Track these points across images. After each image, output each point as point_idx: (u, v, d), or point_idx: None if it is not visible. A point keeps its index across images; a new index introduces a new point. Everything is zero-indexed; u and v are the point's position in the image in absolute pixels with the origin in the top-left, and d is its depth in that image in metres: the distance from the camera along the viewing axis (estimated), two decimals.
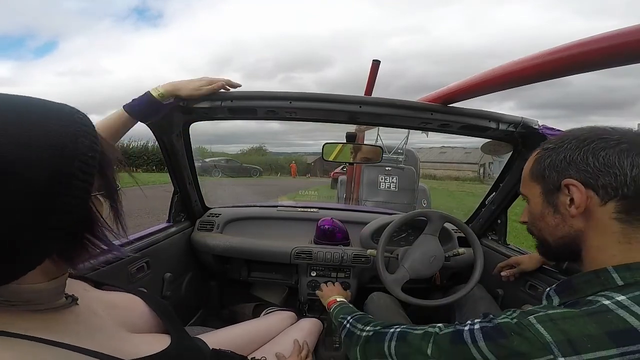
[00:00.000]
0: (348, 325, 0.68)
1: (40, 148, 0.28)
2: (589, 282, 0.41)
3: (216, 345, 0.63)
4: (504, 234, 1.20)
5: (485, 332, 0.40)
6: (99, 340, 0.37)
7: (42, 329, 0.32)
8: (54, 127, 0.29)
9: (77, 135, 0.30)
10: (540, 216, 0.48)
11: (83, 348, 0.33)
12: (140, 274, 0.93)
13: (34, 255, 0.29)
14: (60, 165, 0.29)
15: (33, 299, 0.32)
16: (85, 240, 0.33)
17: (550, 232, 0.48)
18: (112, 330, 0.42)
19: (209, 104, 0.84)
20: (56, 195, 0.28)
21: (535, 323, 0.37)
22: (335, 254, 1.18)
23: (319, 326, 0.99)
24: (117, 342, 0.40)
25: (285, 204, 1.55)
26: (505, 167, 1.08)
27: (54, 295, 0.35)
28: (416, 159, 4.30)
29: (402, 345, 0.50)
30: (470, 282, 0.99)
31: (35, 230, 0.28)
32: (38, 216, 0.28)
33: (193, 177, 1.17)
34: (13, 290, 0.30)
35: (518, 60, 0.60)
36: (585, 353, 0.33)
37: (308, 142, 56.59)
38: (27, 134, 0.28)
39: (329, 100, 0.85)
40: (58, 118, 0.30)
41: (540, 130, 0.82)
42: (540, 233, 0.50)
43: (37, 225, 0.28)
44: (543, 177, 0.47)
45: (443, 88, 0.83)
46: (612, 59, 0.46)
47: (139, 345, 0.42)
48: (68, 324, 0.36)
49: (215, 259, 1.25)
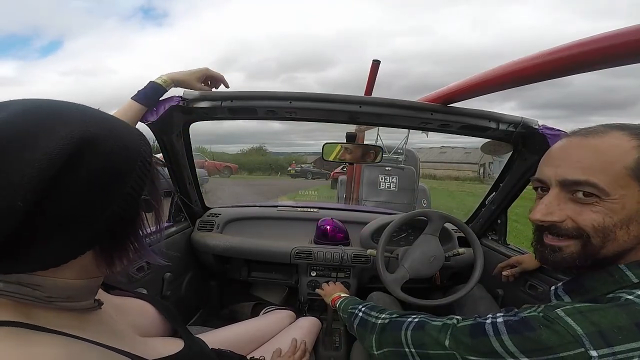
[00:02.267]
0: (361, 314, 0.65)
1: (118, 136, 0.31)
2: (602, 281, 0.41)
3: (216, 345, 0.63)
4: (504, 234, 1.20)
5: (510, 325, 0.39)
6: (127, 342, 0.38)
7: (81, 329, 0.33)
8: (124, 128, 0.33)
9: (141, 140, 0.34)
10: (627, 223, 0.39)
11: (119, 349, 0.34)
12: (140, 274, 0.93)
13: (84, 240, 0.30)
14: (130, 157, 0.31)
15: (72, 296, 0.33)
16: (128, 242, 0.34)
17: (619, 245, 0.40)
18: (131, 334, 0.43)
19: (209, 104, 0.84)
20: (122, 184, 0.30)
21: (564, 316, 0.35)
22: (335, 254, 1.18)
23: (318, 325, 0.99)
24: (140, 345, 0.41)
25: (285, 204, 1.55)
26: (505, 167, 1.08)
27: (88, 294, 0.36)
28: (416, 159, 4.30)
29: (420, 335, 0.49)
30: (470, 282, 0.99)
31: (97, 210, 0.29)
32: (103, 197, 0.29)
33: (193, 177, 1.17)
34: (54, 284, 0.31)
35: (518, 60, 0.60)
36: (617, 345, 0.32)
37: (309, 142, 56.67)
38: (110, 124, 0.31)
39: (329, 100, 0.85)
40: (126, 126, 0.34)
41: (540, 130, 0.82)
42: (608, 244, 0.40)
43: (100, 206, 0.29)
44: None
45: (443, 88, 0.83)
46: (612, 58, 0.46)
47: (156, 348, 0.43)
48: (99, 324, 0.37)
49: (215, 258, 1.25)
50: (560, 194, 0.43)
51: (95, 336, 0.33)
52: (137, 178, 0.32)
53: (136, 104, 0.75)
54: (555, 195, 0.43)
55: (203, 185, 11.50)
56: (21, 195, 0.24)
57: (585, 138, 0.42)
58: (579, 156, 0.42)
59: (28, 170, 0.25)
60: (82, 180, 0.27)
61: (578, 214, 0.41)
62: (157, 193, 0.37)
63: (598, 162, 0.40)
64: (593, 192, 0.40)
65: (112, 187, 0.30)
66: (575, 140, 0.44)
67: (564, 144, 0.45)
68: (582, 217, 0.41)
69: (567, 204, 0.42)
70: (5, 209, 0.24)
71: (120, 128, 0.32)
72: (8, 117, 0.26)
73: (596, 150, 0.41)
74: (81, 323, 0.34)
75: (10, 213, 0.24)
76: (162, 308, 0.57)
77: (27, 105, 0.28)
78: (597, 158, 0.40)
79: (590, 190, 0.40)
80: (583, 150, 0.42)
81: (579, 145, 0.43)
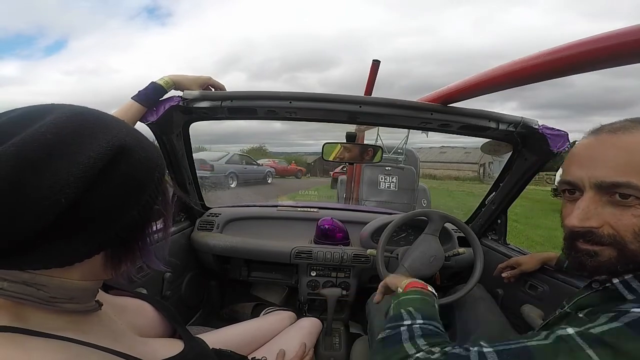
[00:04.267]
0: (405, 330, 0.46)
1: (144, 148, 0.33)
2: None
3: (216, 345, 0.63)
4: (504, 233, 1.20)
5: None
6: (127, 343, 0.38)
7: (80, 331, 0.33)
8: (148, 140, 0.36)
9: (159, 154, 0.36)
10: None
11: (118, 351, 0.34)
12: (140, 274, 0.93)
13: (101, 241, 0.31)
14: (153, 168, 0.34)
15: (76, 297, 0.33)
16: (136, 247, 0.35)
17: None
18: (130, 334, 0.43)
19: (209, 104, 0.84)
20: (144, 192, 0.32)
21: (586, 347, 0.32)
22: (335, 253, 1.18)
23: (319, 326, 0.99)
24: (139, 346, 0.41)
25: (285, 203, 1.55)
26: (505, 167, 1.08)
27: (90, 296, 0.36)
28: (416, 158, 4.31)
29: None
30: (470, 282, 0.99)
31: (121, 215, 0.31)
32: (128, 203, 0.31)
33: (193, 177, 1.17)
34: (60, 285, 0.31)
35: (518, 60, 0.60)
36: None
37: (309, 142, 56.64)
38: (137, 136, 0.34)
39: (329, 100, 0.85)
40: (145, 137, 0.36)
41: (540, 130, 0.83)
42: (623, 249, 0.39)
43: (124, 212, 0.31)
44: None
45: (443, 88, 0.83)
46: (612, 58, 0.46)
47: (156, 349, 0.43)
48: (97, 326, 0.37)
49: (215, 258, 1.25)
50: (596, 197, 0.40)
51: (93, 338, 0.33)
52: (154, 188, 0.34)
53: (136, 104, 0.75)
54: (590, 198, 0.40)
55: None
56: (65, 192, 0.26)
57: (615, 135, 0.39)
58: (612, 155, 0.39)
59: (74, 169, 0.27)
60: (115, 184, 0.29)
61: (618, 219, 0.38)
62: (168, 204, 0.39)
63: (635, 161, 0.37)
64: (632, 194, 0.37)
65: (135, 194, 0.32)
66: (604, 138, 0.40)
67: (591, 142, 0.42)
68: (622, 222, 0.38)
69: (605, 207, 0.39)
70: (49, 204, 0.26)
71: (146, 140, 0.35)
72: (55, 120, 0.28)
73: (630, 148, 0.38)
74: (79, 325, 0.34)
75: (52, 208, 0.26)
76: (162, 308, 0.56)
77: (71, 110, 0.30)
78: (634, 157, 0.37)
79: (630, 192, 0.37)
80: (615, 148, 0.39)
81: (610, 144, 0.39)
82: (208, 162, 8.36)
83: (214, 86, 0.88)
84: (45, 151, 0.26)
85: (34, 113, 0.29)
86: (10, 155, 0.25)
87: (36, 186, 0.25)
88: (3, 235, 0.25)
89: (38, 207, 0.25)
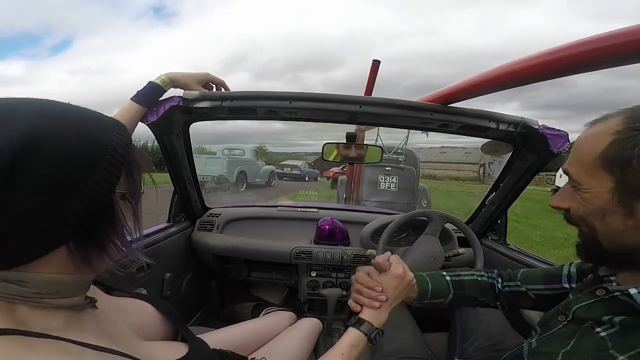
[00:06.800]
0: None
1: (78, 129, 0.30)
2: None
3: (216, 345, 0.63)
4: (504, 234, 1.20)
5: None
6: (124, 343, 0.37)
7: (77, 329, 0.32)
8: (93, 120, 0.32)
9: (112, 133, 0.33)
10: (600, 214, 0.39)
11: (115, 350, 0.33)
12: (140, 274, 0.93)
13: (50, 236, 0.29)
14: (92, 150, 0.30)
15: (60, 291, 0.32)
16: (104, 239, 0.33)
17: (609, 236, 0.39)
18: (129, 335, 0.42)
19: (209, 104, 0.84)
20: (82, 179, 0.29)
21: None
22: (335, 254, 1.18)
23: (319, 326, 0.99)
24: (137, 347, 0.40)
25: (285, 204, 1.55)
26: (505, 167, 1.08)
27: (77, 290, 0.35)
28: (416, 159, 4.31)
29: None
30: None
31: (56, 207, 0.28)
32: (61, 193, 0.28)
33: (193, 177, 1.17)
34: (41, 279, 0.30)
35: (518, 60, 0.60)
36: None
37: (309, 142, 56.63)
38: (69, 117, 0.31)
39: (329, 100, 0.85)
40: (98, 117, 0.33)
41: (540, 130, 0.83)
42: (592, 232, 0.40)
43: (59, 203, 0.28)
44: (624, 169, 0.36)
45: (443, 88, 0.83)
46: (613, 59, 0.46)
47: (156, 353, 0.42)
48: (94, 325, 0.36)
49: (215, 258, 1.25)
50: (569, 183, 0.44)
51: (89, 337, 0.32)
52: (103, 172, 0.30)
53: (136, 104, 0.75)
54: (567, 184, 0.45)
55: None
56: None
57: (589, 128, 0.43)
58: (575, 146, 0.44)
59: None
60: (33, 178, 0.27)
61: (579, 203, 0.42)
62: (135, 186, 0.35)
63: (577, 152, 0.42)
64: (573, 183, 0.42)
65: (69, 183, 0.29)
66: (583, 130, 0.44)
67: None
68: (583, 205, 0.41)
69: (573, 193, 0.43)
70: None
71: (80, 122, 0.31)
72: None
73: (581, 140, 0.42)
74: (76, 323, 0.34)
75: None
76: (164, 309, 0.56)
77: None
78: (578, 148, 0.42)
79: (571, 181, 0.42)
80: (578, 140, 0.43)
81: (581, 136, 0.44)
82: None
83: (213, 82, 0.87)
84: None
85: None
86: None
87: None
88: None
89: None
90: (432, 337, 0.95)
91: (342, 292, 1.20)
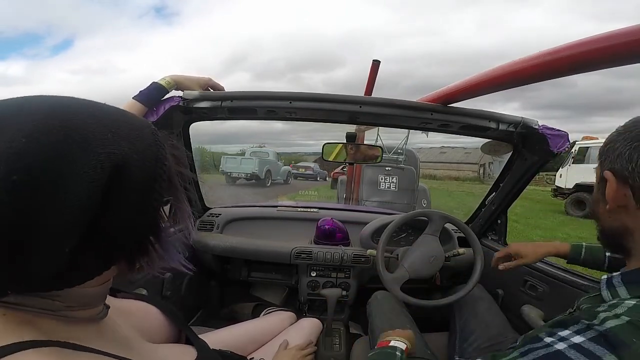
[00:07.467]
0: None
1: (145, 147, 0.29)
2: None
3: (216, 345, 0.63)
4: (504, 234, 1.20)
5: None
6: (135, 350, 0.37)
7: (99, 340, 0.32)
8: (149, 133, 0.31)
9: (160, 144, 0.32)
10: (595, 201, 0.47)
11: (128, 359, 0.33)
12: (140, 274, 0.93)
13: (117, 254, 0.29)
14: (156, 166, 0.30)
15: (89, 303, 0.32)
16: (151, 249, 0.32)
17: (601, 220, 0.47)
18: (139, 340, 0.42)
19: (209, 104, 0.84)
20: (148, 198, 0.29)
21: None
22: (335, 254, 1.18)
23: (319, 326, 0.99)
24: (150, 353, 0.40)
25: (285, 204, 1.55)
26: (505, 167, 1.08)
27: (100, 299, 0.35)
28: (416, 159, 4.31)
29: None
30: (470, 282, 0.99)
31: (129, 229, 0.28)
32: (141, 210, 0.28)
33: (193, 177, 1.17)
34: (75, 293, 0.30)
35: (518, 60, 0.60)
36: None
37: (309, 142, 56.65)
38: (135, 133, 0.29)
39: (329, 100, 0.85)
40: (148, 125, 0.32)
41: (540, 130, 0.83)
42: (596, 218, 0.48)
43: (134, 224, 0.28)
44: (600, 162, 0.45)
45: (443, 88, 0.83)
46: (613, 59, 0.46)
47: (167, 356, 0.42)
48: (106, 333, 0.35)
49: (215, 259, 1.25)
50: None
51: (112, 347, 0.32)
52: (159, 188, 0.30)
53: (138, 103, 0.75)
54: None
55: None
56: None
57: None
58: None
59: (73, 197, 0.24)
60: (126, 198, 0.27)
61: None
62: (178, 191, 0.35)
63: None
64: None
65: (145, 201, 0.29)
66: None
67: None
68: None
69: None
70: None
71: (146, 139, 0.30)
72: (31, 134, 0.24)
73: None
74: (97, 333, 0.33)
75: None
76: (168, 311, 0.56)
77: (48, 117, 0.26)
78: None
79: None
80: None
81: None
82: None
83: (213, 87, 0.88)
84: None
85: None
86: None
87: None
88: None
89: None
90: (432, 337, 0.95)
91: (342, 292, 1.19)
